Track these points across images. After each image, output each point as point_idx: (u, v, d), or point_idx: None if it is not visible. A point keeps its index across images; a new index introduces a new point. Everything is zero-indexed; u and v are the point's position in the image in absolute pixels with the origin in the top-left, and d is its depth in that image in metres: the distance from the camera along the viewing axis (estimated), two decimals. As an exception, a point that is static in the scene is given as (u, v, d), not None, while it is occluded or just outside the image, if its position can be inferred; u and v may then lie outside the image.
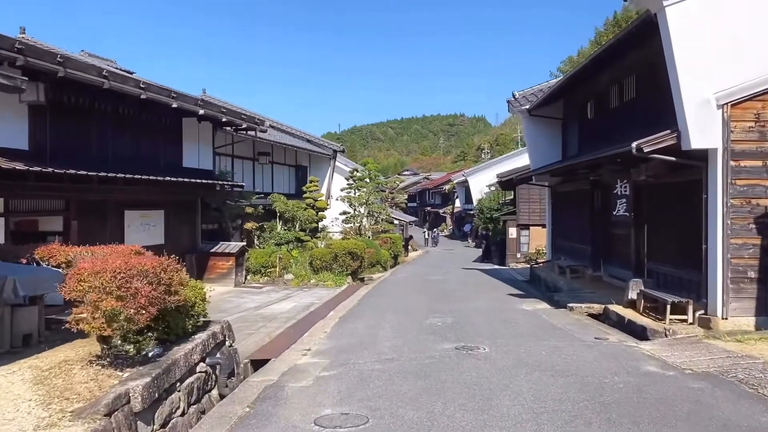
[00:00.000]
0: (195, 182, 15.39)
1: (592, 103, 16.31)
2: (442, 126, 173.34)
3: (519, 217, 27.82)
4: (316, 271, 18.39)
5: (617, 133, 13.87)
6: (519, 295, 14.65)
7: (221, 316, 12.81)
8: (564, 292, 14.18)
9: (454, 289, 16.19)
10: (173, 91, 13.95)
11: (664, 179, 11.19)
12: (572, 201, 17.54)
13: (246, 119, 17.39)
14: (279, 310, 13.16)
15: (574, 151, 17.62)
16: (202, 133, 17.33)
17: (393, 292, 15.86)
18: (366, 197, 27.94)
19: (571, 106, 18.10)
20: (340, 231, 29.75)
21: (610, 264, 14.89)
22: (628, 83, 13.70)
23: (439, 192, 72.48)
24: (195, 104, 14.86)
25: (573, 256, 17.23)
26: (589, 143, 16.24)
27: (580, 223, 16.70)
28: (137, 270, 5.27)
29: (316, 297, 15.26)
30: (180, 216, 16.81)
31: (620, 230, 14.13)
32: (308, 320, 11.29)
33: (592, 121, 16.43)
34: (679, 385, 6.16)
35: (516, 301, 13.50)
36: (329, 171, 30.60)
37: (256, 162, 24.37)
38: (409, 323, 10.33)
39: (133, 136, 14.45)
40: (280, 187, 26.39)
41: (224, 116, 16.12)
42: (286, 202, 19.61)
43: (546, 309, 12.15)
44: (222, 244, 17.76)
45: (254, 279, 18.36)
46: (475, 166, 56.87)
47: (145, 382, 4.89)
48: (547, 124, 19.22)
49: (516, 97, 19.32)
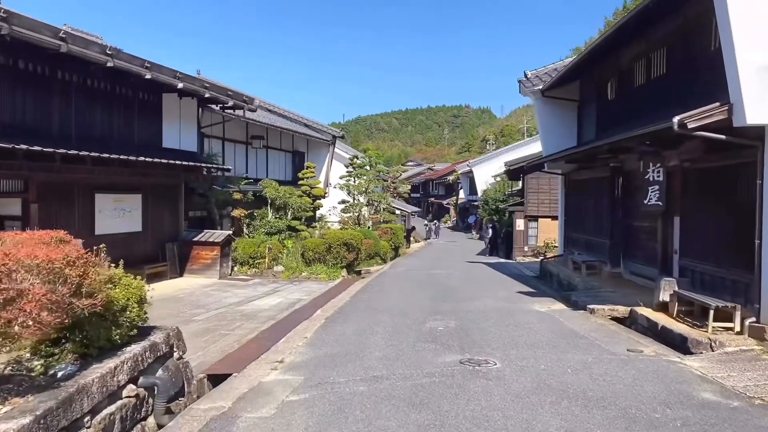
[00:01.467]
0: (173, 164, 13.91)
1: (613, 82, 14.76)
2: (446, 117, 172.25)
3: (527, 208, 26.28)
4: (309, 263, 16.95)
5: (643, 115, 12.35)
6: (530, 294, 13.18)
7: (197, 312, 11.42)
8: (581, 290, 12.70)
9: (457, 286, 14.73)
10: (147, 61, 12.45)
11: (704, 163, 9.67)
12: (589, 190, 16.02)
13: (233, 96, 15.87)
14: (262, 306, 11.75)
15: (591, 136, 16.08)
16: (185, 111, 15.85)
17: (390, 287, 14.40)
18: (366, 185, 26.44)
19: (588, 86, 16.54)
20: (338, 220, 28.34)
21: (632, 260, 13.40)
22: (657, 57, 12.15)
23: (442, 183, 70.94)
24: (173, 77, 13.36)
25: (588, 250, 15.74)
26: (608, 127, 14.71)
27: (597, 214, 15.19)
28: (24, 264, 3.81)
29: (305, 292, 13.84)
30: (160, 201, 15.38)
31: (644, 222, 12.64)
32: (291, 320, 9.85)
33: (612, 102, 14.89)
34: (755, 423, 4.69)
35: (527, 301, 12.03)
36: (328, 157, 29.10)
37: (249, 146, 22.90)
38: (406, 327, 8.87)
39: (104, 111, 12.97)
40: (275, 174, 24.92)
41: (207, 92, 14.61)
42: (277, 188, 18.13)
43: (562, 310, 10.68)
44: (206, 233, 16.33)
45: (241, 271, 16.95)
46: (480, 157, 55.29)
47: (21, 426, 3.44)
48: (561, 107, 17.67)
49: (528, 77, 17.77)
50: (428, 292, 13.26)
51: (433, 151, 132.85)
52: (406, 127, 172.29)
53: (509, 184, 39.06)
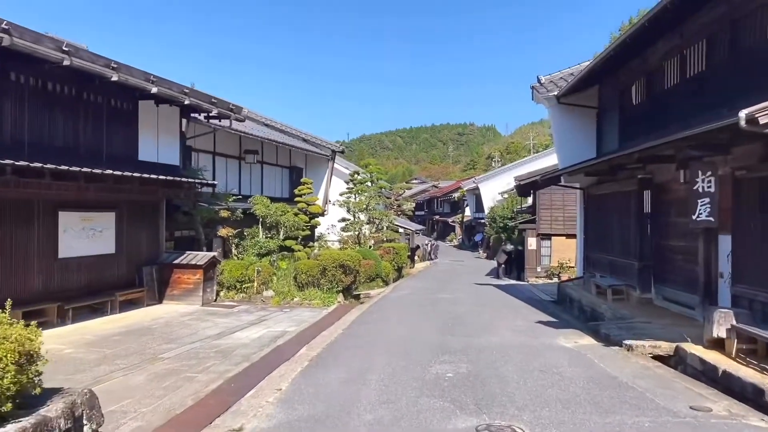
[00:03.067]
0: (149, 178, 12.41)
1: (638, 85, 13.24)
2: (451, 135, 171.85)
3: (539, 225, 24.64)
4: (302, 288, 15.34)
5: (677, 119, 10.84)
6: (551, 324, 11.53)
7: (166, 348, 9.78)
8: (610, 320, 11.04)
9: (467, 313, 13.09)
10: (114, 62, 11.01)
11: (762, 172, 8.09)
12: (612, 205, 14.42)
13: (217, 104, 14.42)
14: (242, 340, 10.15)
15: (612, 146, 14.53)
16: (166, 121, 14.39)
17: (391, 315, 12.78)
18: (366, 202, 24.92)
19: (609, 91, 15.03)
20: (338, 239, 26.80)
21: (665, 284, 11.76)
22: (694, 53, 10.64)
23: (448, 200, 69.44)
24: (146, 80, 11.92)
25: (612, 272, 14.09)
26: (634, 135, 13.16)
27: (623, 233, 13.57)
28: None
29: (294, 321, 12.22)
30: (138, 220, 13.86)
31: (680, 241, 11.03)
32: (268, 362, 8.23)
33: (638, 107, 13.35)
34: None
35: (550, 333, 10.38)
36: (327, 173, 27.61)
37: (243, 161, 21.42)
38: (407, 373, 7.23)
39: (68, 118, 11.49)
40: (270, 191, 23.42)
41: (187, 98, 13.14)
42: (267, 205, 16.58)
43: (593, 347, 9.02)
44: (188, 255, 14.78)
45: (228, 296, 15.35)
46: (487, 173, 53.84)
47: None
48: (578, 115, 16.17)
49: (542, 82, 16.29)
50: (434, 322, 11.63)
51: (437, 168, 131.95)
52: (410, 145, 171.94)
53: (518, 200, 37.55)
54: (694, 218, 8.04)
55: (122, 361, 8.54)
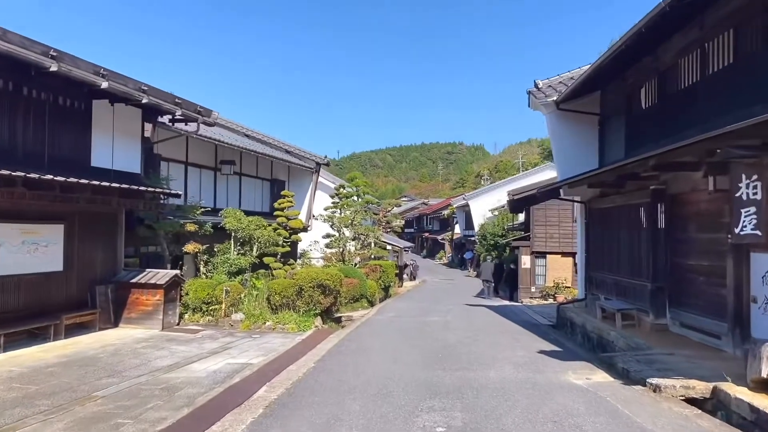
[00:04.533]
0: (102, 186, 10.88)
1: (649, 86, 11.96)
2: (440, 153, 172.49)
3: (534, 243, 23.26)
4: (275, 310, 13.79)
5: (698, 121, 9.58)
6: (555, 354, 10.06)
7: (106, 384, 8.09)
8: (624, 352, 9.59)
9: (460, 341, 11.59)
10: (54, 50, 9.54)
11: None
12: (618, 220, 13.06)
13: (182, 105, 12.95)
14: (196, 374, 8.62)
15: (617, 155, 13.22)
16: (125, 123, 12.90)
17: (373, 344, 11.26)
18: (352, 217, 23.45)
19: (614, 95, 13.77)
20: (321, 256, 25.29)
21: (683, 308, 10.36)
22: (718, 45, 9.37)
23: (437, 217, 68.21)
24: (94, 73, 10.45)
25: (619, 294, 12.69)
26: (643, 141, 11.88)
27: (632, 250, 12.20)
28: None
29: (262, 351, 10.68)
30: (91, 234, 12.32)
31: (703, 260, 9.67)
32: (215, 407, 6.69)
33: (647, 111, 12.08)
34: None
35: (556, 366, 8.90)
36: (311, 187, 26.15)
37: (219, 172, 19.94)
38: (386, 425, 5.74)
39: (2, 117, 10.02)
40: (249, 204, 21.94)
41: (145, 96, 11.67)
42: (239, 218, 15.05)
43: (611, 385, 7.56)
44: (148, 273, 13.23)
45: (192, 319, 13.78)
46: (477, 190, 52.69)
47: None
48: (579, 123, 14.89)
49: (539, 87, 15.01)
50: (422, 352, 10.13)
51: (427, 186, 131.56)
52: (400, 163, 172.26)
53: (509, 217, 36.32)
54: (737, 232, 6.64)
55: (46, 402, 7.00)
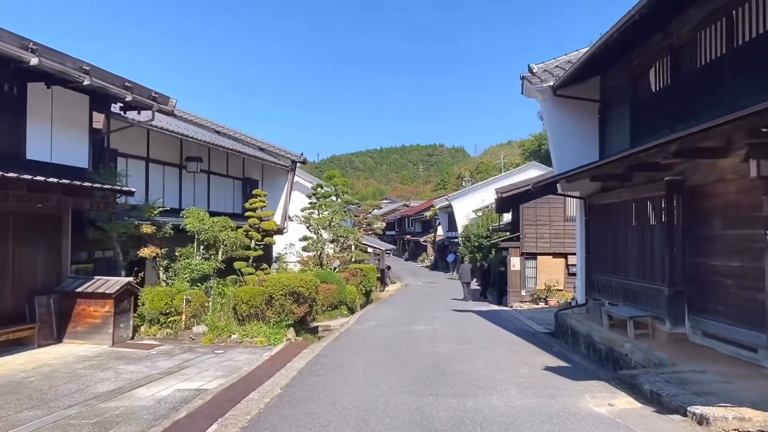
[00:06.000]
0: (39, 181, 9.27)
1: (660, 66, 10.67)
2: (421, 156, 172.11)
3: (524, 243, 21.94)
4: (242, 321, 12.27)
5: (721, 102, 8.32)
6: (563, 371, 8.68)
7: (25, 418, 6.45)
8: (646, 369, 8.22)
9: (452, 356, 10.16)
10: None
11: None
12: (625, 216, 11.78)
13: (132, 89, 11.36)
14: (139, 402, 7.09)
15: (622, 145, 11.94)
16: (68, 111, 11.29)
17: (352, 362, 9.77)
18: (330, 218, 21.97)
19: (617, 79, 12.49)
20: (298, 260, 23.76)
21: (706, 315, 9.06)
22: (748, 12, 8.10)
23: (419, 219, 66.95)
24: (21, 47, 8.85)
25: (627, 299, 11.39)
26: (652, 130, 10.59)
27: (643, 250, 10.90)
28: None
29: (223, 370, 9.17)
30: (30, 236, 10.71)
31: (732, 260, 8.38)
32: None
33: (658, 95, 10.79)
34: None
35: (568, 388, 7.52)
36: (287, 187, 24.53)
37: (185, 170, 18.29)
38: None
39: None
40: (219, 205, 20.30)
41: (87, 77, 10.07)
42: (201, 219, 13.46)
43: (640, 414, 6.19)
44: (97, 281, 11.63)
45: (149, 332, 12.19)
46: (461, 190, 51.51)
47: None
48: (578, 111, 13.60)
49: (534, 72, 13.70)
50: (409, 371, 8.67)
51: (408, 188, 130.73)
52: (380, 165, 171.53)
53: (494, 217, 35.16)
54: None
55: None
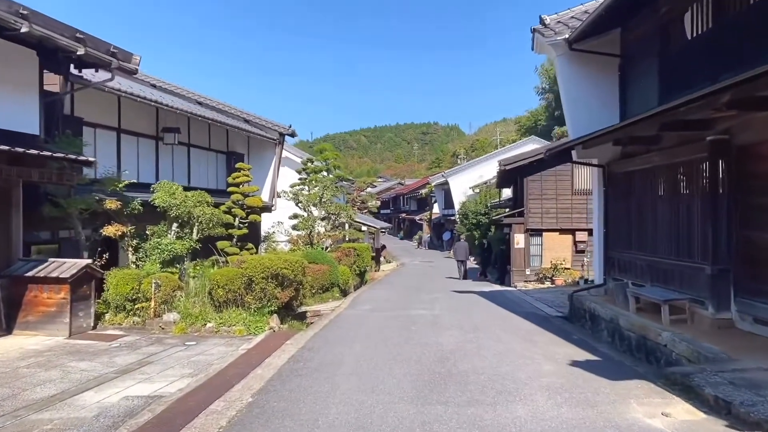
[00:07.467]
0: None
1: (697, 9, 9.15)
2: (415, 134, 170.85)
3: (528, 219, 20.51)
4: (219, 308, 10.84)
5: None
6: (593, 367, 7.30)
7: None
8: (701, 366, 6.84)
9: (459, 347, 8.76)
10: None
11: None
12: (652, 185, 10.34)
13: (86, 42, 9.74)
14: (76, 416, 5.68)
15: (649, 103, 10.41)
16: (12, 70, 9.69)
17: (342, 356, 8.36)
18: (320, 193, 20.49)
19: (641, 30, 10.94)
20: (287, 239, 22.34)
21: (759, 298, 7.66)
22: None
23: (414, 197, 65.53)
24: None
25: (656, 279, 9.99)
26: (687, 83, 9.03)
27: (677, 223, 9.47)
28: None
29: (192, 367, 7.76)
30: (-30, 213, 9.25)
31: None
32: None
33: (694, 44, 9.25)
34: None
35: (607, 390, 6.14)
36: (275, 161, 22.93)
37: (162, 142, 16.71)
38: None
39: None
40: (201, 180, 18.74)
41: (25, 24, 8.44)
42: (172, 193, 11.94)
43: (710, 430, 4.82)
44: (51, 263, 10.17)
45: (114, 320, 10.77)
46: (458, 166, 50.02)
47: None
48: (594, 68, 12.07)
49: (547, 24, 12.13)
50: (410, 370, 7.26)
51: (402, 167, 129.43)
52: (375, 144, 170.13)
53: (492, 194, 33.76)
54: None
55: None
